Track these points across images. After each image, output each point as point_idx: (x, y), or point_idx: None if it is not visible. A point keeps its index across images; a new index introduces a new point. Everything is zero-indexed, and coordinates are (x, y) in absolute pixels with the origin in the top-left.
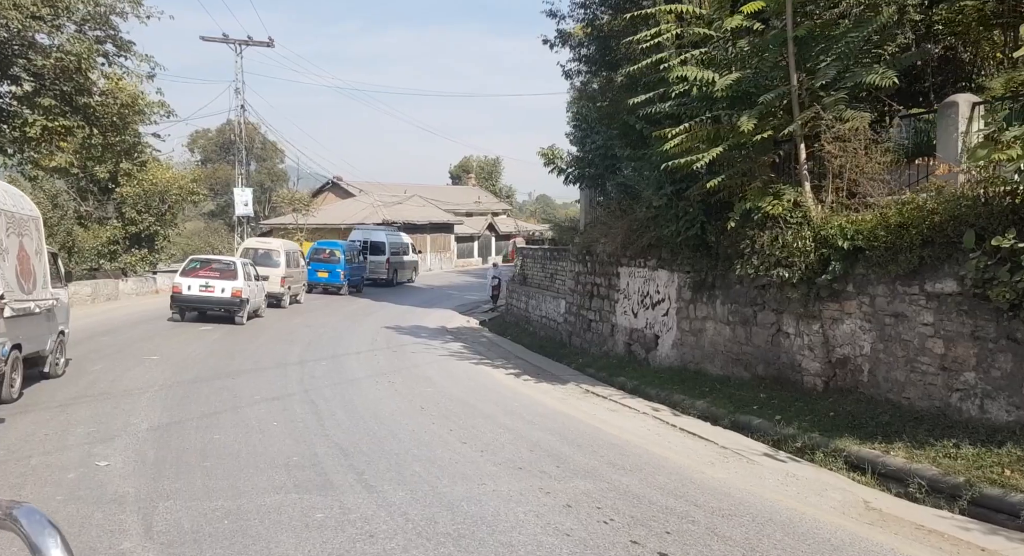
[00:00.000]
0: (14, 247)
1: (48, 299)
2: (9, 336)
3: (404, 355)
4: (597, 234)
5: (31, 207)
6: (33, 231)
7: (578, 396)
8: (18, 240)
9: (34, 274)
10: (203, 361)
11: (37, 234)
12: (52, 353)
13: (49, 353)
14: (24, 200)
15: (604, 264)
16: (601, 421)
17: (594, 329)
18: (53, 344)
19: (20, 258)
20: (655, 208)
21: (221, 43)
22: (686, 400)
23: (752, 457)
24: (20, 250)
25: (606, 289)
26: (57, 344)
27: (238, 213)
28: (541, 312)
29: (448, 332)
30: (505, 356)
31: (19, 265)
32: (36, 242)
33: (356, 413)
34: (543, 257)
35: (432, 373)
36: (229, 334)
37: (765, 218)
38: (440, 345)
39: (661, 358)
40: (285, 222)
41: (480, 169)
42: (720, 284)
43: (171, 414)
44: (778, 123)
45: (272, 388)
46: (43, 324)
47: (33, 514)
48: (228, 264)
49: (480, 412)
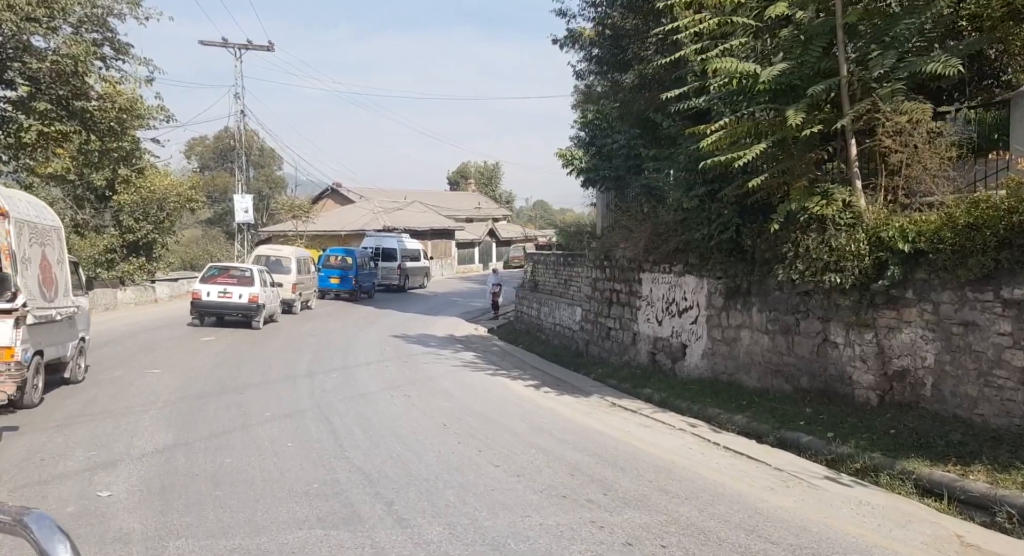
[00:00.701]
0: (36, 256)
1: (69, 307)
2: (32, 343)
3: (416, 366)
4: (616, 238)
5: (53, 217)
6: (55, 240)
7: (605, 410)
8: (40, 250)
9: (56, 282)
10: (208, 374)
11: (59, 243)
12: (73, 359)
13: (70, 359)
14: (46, 210)
15: (624, 270)
16: (637, 439)
17: (614, 338)
18: (74, 350)
19: (42, 267)
20: (684, 210)
21: (220, 47)
22: (722, 414)
23: (813, 481)
24: (42, 259)
25: (627, 296)
26: (77, 350)
27: (238, 220)
28: (554, 320)
29: (457, 341)
30: (520, 366)
31: (41, 274)
32: (58, 251)
33: (375, 431)
34: (556, 262)
35: (448, 385)
36: (233, 344)
37: (811, 220)
38: (451, 355)
39: (690, 369)
40: (284, 229)
41: (480, 175)
42: (757, 290)
43: (177, 434)
44: (826, 117)
45: (283, 403)
46: (65, 331)
47: (43, 520)
48: (245, 271)
49: (507, 429)
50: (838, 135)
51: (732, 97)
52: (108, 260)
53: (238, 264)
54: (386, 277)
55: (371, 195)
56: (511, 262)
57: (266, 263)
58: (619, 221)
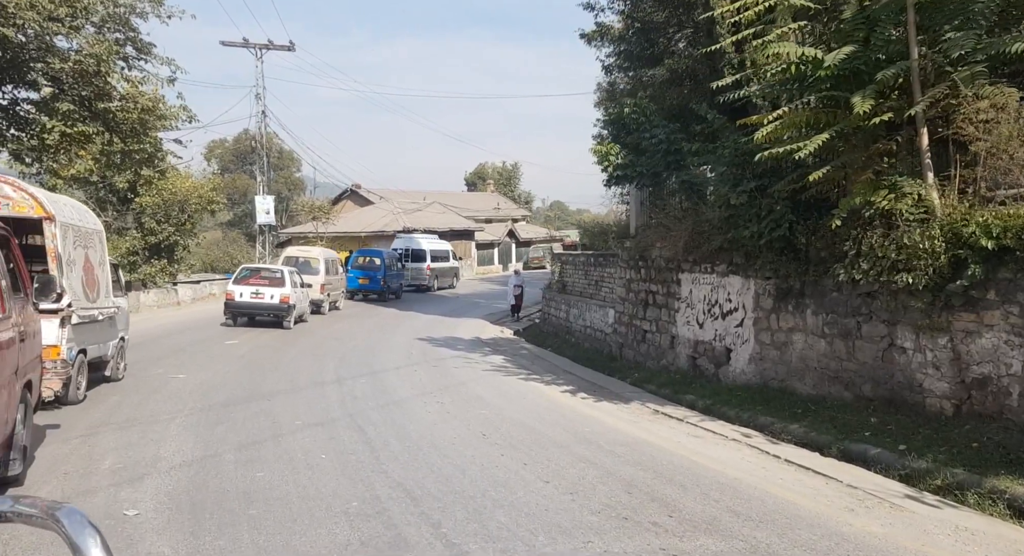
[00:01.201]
0: (80, 259)
1: (110, 307)
2: (76, 341)
3: (446, 370)
4: (652, 238)
5: (95, 221)
6: (97, 243)
7: (648, 417)
8: (84, 252)
9: (98, 284)
10: (234, 380)
11: (100, 246)
12: (113, 358)
13: (111, 358)
14: (88, 214)
15: (661, 270)
16: (691, 451)
17: (650, 341)
18: (114, 349)
19: (85, 269)
20: (731, 207)
21: (241, 47)
22: (776, 424)
23: (894, 501)
24: (85, 261)
25: (664, 297)
26: (118, 349)
27: (260, 222)
28: (585, 322)
29: (484, 343)
30: (552, 370)
31: (85, 275)
32: (100, 254)
33: (412, 442)
34: (586, 263)
35: (481, 391)
36: (257, 348)
37: (877, 215)
38: (481, 358)
39: (735, 374)
40: (305, 231)
41: (499, 175)
42: (811, 291)
43: (205, 445)
44: (894, 105)
45: (313, 411)
46: (106, 330)
47: (74, 514)
48: (276, 272)
49: (550, 439)
50: (903, 124)
51: (787, 85)
52: (130, 262)
53: (270, 266)
54: (415, 278)
55: (390, 196)
56: (531, 263)
57: (295, 264)
58: (655, 220)
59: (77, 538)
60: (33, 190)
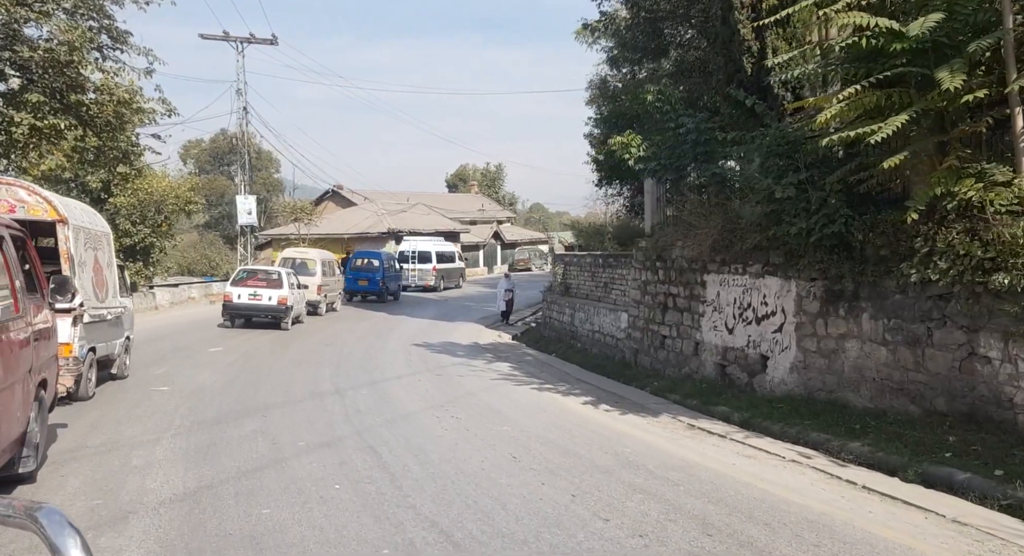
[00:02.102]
0: (90, 260)
1: (118, 307)
2: (86, 340)
3: (451, 379)
4: (672, 236)
5: (103, 223)
6: (105, 245)
7: (685, 433)
8: (94, 254)
9: (107, 284)
10: (223, 392)
11: (108, 248)
12: (120, 356)
13: (117, 356)
14: (97, 217)
15: (684, 271)
16: (753, 476)
17: (669, 347)
18: (121, 348)
19: (95, 270)
20: (774, 201)
21: (222, 41)
22: (832, 441)
23: (1018, 541)
24: (95, 263)
25: (686, 300)
26: (124, 348)
27: (241, 222)
28: (592, 326)
29: (484, 349)
30: (564, 379)
31: (94, 276)
32: (107, 255)
33: (435, 467)
34: (593, 265)
35: (496, 403)
36: (246, 355)
37: (959, 207)
38: (485, 366)
39: (773, 384)
40: (286, 232)
41: (482, 177)
42: (869, 294)
43: (198, 473)
44: (984, 80)
45: (316, 429)
46: (113, 329)
47: (53, 515)
48: (273, 274)
49: (590, 462)
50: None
51: (853, 63)
52: None
53: (267, 267)
54: (422, 278)
55: (373, 197)
56: (516, 265)
57: (292, 265)
58: (677, 217)
59: (56, 539)
60: (47, 194)
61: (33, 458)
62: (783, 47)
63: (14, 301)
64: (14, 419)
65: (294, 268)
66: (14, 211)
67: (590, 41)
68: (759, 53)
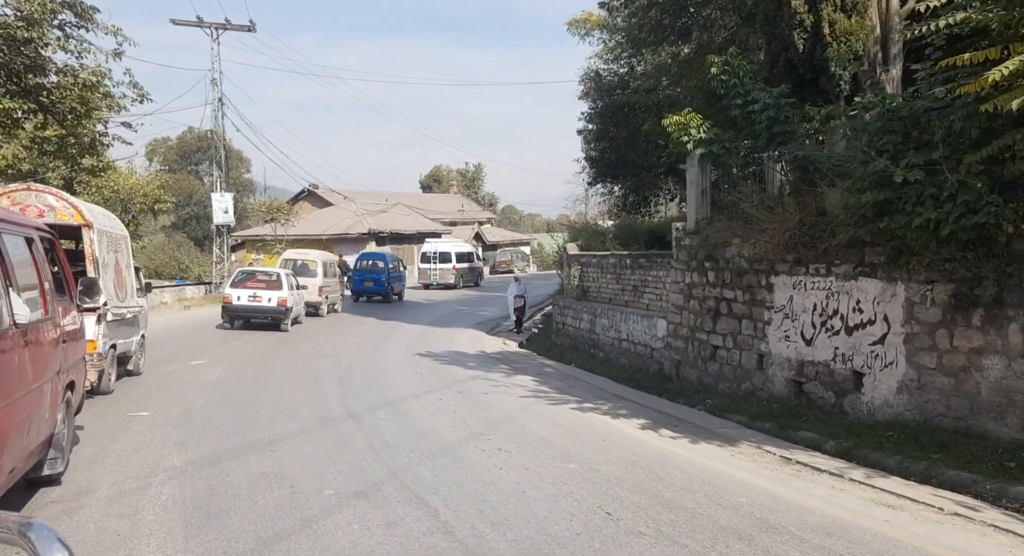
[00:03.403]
0: (112, 262)
1: (135, 306)
2: (109, 337)
3: (476, 398)
4: (725, 233)
5: (122, 228)
6: (124, 248)
7: (787, 471)
8: (115, 256)
9: (126, 285)
10: (216, 417)
11: (126, 250)
12: (135, 353)
13: (134, 353)
14: (116, 221)
15: (742, 272)
16: (930, 541)
17: (723, 359)
18: (137, 346)
19: (116, 271)
20: (892, 187)
21: (195, 27)
22: (979, 483)
23: None
24: (116, 264)
25: (745, 306)
26: (140, 345)
27: (217, 222)
28: (618, 334)
29: (495, 359)
30: (599, 395)
31: (115, 277)
32: (126, 257)
33: (512, 529)
34: (618, 266)
35: (541, 430)
36: (233, 368)
37: None
38: (505, 379)
39: (872, 406)
40: (262, 233)
41: (461, 177)
42: (1019, 300)
43: (204, 543)
44: None
45: (341, 470)
46: (131, 328)
47: (42, 530)
48: (273, 275)
49: (710, 521)
50: None
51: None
52: None
53: (266, 268)
54: (443, 277)
55: (352, 197)
56: (498, 266)
57: (293, 267)
58: (732, 210)
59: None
60: (73, 200)
61: (60, 460)
62: (842, 20)
63: (43, 302)
64: (43, 421)
65: (295, 269)
66: (43, 215)
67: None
68: (813, 28)
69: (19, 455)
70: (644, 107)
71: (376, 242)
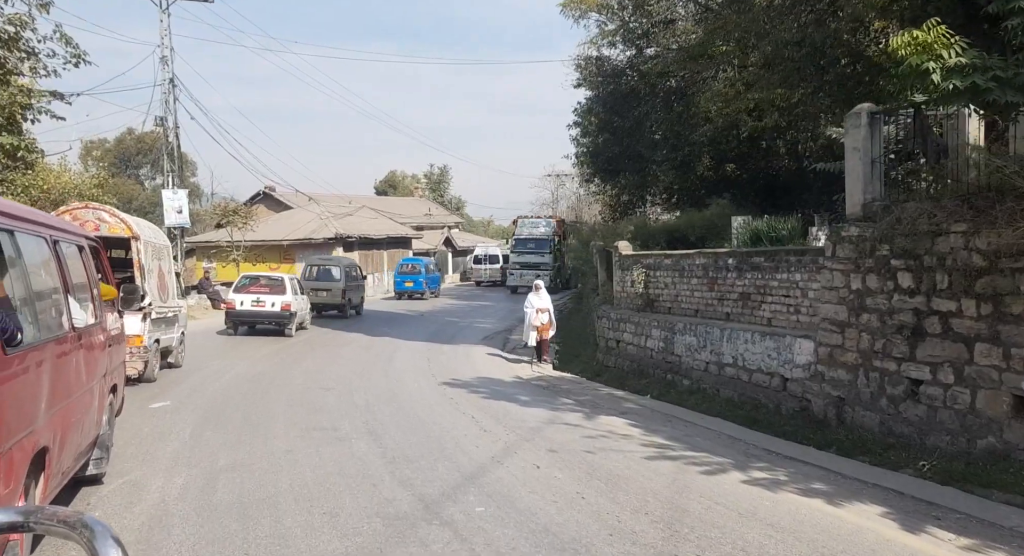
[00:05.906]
0: (155, 268)
1: (176, 307)
2: (153, 332)
3: (584, 462)
4: (935, 217)
5: (164, 238)
6: (166, 256)
7: None
8: (158, 263)
9: (168, 288)
10: (214, 472)
11: (168, 258)
12: (176, 348)
13: (174, 348)
14: (160, 233)
15: (978, 273)
16: None
17: (934, 399)
18: (177, 341)
19: (159, 276)
20: None
21: None
22: None
23: None
24: (159, 270)
25: (982, 322)
26: (179, 341)
27: (169, 223)
28: (717, 357)
29: (542, 388)
30: (734, 446)
31: (159, 281)
32: (168, 264)
33: None
34: (711, 267)
35: (744, 531)
36: (210, 417)
37: None
38: (589, 424)
39: None
40: (214, 239)
41: (427, 179)
42: None
43: None
44: None
45: None
46: (172, 325)
47: (97, 525)
48: (276, 280)
49: None
50: None
51: None
52: None
53: (269, 273)
54: (492, 277)
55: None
56: (469, 273)
57: (316, 272)
58: (940, 180)
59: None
60: (123, 216)
61: (105, 459)
62: None
63: (94, 308)
64: (92, 421)
65: (318, 275)
66: (98, 229)
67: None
68: None
69: (73, 453)
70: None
71: (344, 247)
